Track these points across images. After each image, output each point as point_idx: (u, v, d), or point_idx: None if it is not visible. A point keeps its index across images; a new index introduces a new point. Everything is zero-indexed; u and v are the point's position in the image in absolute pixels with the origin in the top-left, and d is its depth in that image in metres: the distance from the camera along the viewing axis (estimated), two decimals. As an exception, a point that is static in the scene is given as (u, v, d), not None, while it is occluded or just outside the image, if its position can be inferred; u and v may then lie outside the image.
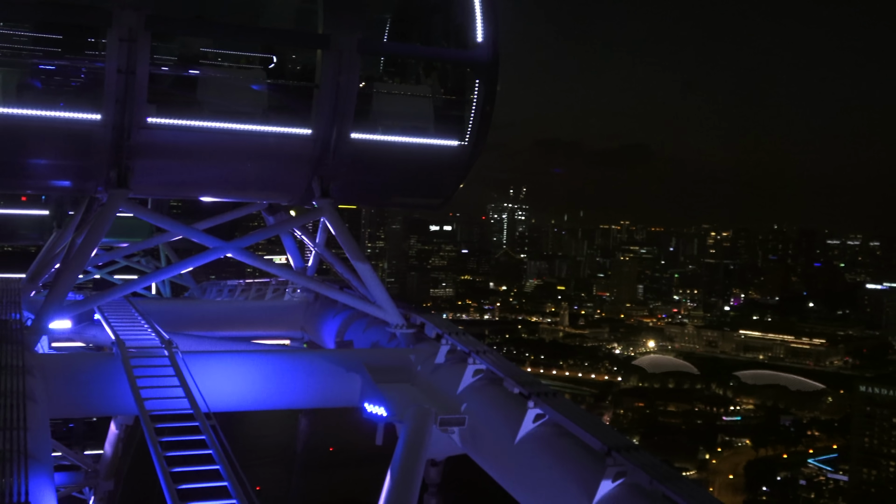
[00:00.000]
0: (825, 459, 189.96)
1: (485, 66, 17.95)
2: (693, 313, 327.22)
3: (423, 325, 17.44)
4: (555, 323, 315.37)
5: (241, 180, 18.57)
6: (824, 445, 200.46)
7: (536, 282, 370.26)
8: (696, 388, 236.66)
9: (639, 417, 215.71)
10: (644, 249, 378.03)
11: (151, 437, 11.76)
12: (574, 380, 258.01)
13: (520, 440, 12.61)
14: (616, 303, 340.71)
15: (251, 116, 17.15)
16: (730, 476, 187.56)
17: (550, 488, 11.72)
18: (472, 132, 18.39)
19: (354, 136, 17.43)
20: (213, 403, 13.17)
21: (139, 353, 15.04)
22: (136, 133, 15.93)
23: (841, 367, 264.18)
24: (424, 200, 21.18)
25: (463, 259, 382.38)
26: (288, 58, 18.86)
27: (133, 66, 15.33)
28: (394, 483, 12.70)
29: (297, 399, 16.90)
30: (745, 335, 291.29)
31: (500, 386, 14.14)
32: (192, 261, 19.31)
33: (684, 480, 10.11)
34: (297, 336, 23.59)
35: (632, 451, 10.75)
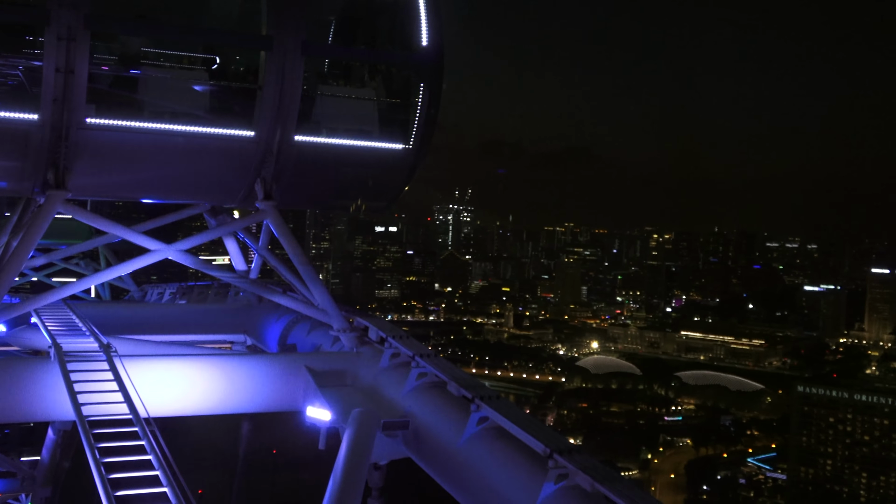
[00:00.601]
0: (764, 458, 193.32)
1: (430, 69, 17.96)
2: (636, 314, 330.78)
3: (367, 329, 17.41)
4: (499, 324, 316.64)
5: (183, 182, 18.32)
6: (763, 445, 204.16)
7: (481, 283, 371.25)
8: (639, 388, 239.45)
9: (582, 418, 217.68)
10: (588, 251, 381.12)
11: (89, 442, 11.57)
12: (518, 381, 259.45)
13: (463, 443, 12.67)
14: (560, 304, 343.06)
15: (193, 118, 16.93)
16: (671, 475, 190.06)
17: (493, 491, 11.79)
18: (417, 135, 18.38)
19: (298, 138, 17.30)
20: (152, 408, 12.99)
21: (77, 357, 14.77)
22: (74, 133, 15.64)
23: (779, 368, 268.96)
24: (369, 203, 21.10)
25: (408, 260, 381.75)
26: (231, 59, 18.66)
27: (72, 66, 15.06)
28: (337, 487, 12.66)
29: (240, 404, 16.73)
30: (687, 336, 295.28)
31: (443, 389, 14.18)
32: (131, 263, 19.01)
33: (625, 482, 10.23)
34: (239, 340, 23.34)
35: (573, 454, 10.85)
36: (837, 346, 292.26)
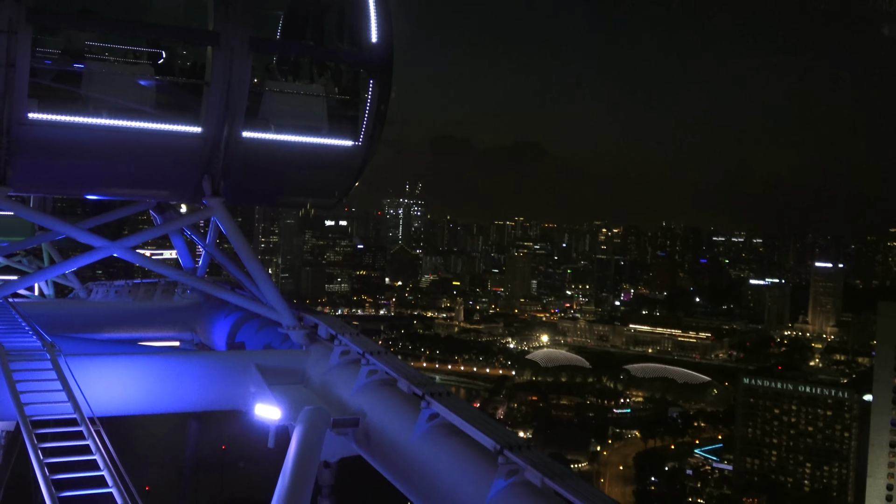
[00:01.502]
0: (711, 450, 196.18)
1: (379, 66, 17.87)
2: (585, 308, 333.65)
3: (317, 326, 17.31)
4: (450, 318, 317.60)
5: (128, 178, 18.04)
6: (710, 436, 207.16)
7: (432, 277, 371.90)
8: (588, 381, 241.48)
9: (532, 411, 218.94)
10: (538, 245, 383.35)
11: (32, 443, 11.35)
12: (469, 374, 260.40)
13: (414, 440, 12.62)
14: (510, 298, 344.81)
15: (138, 113, 16.67)
16: (620, 467, 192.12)
17: (444, 487, 11.78)
18: (366, 132, 18.29)
19: (246, 134, 17.12)
20: (98, 408, 12.77)
21: (19, 356, 14.48)
22: (15, 129, 15.33)
23: (725, 361, 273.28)
24: (318, 200, 20.94)
25: (358, 254, 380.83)
26: (178, 54, 18.42)
27: (13, 59, 14.76)
28: (286, 486, 12.56)
29: (188, 402, 16.53)
30: (635, 329, 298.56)
31: (394, 386, 14.13)
32: (76, 260, 18.74)
33: (575, 478, 10.29)
34: (187, 338, 23.04)
35: (523, 450, 10.88)
36: (782, 338, 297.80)
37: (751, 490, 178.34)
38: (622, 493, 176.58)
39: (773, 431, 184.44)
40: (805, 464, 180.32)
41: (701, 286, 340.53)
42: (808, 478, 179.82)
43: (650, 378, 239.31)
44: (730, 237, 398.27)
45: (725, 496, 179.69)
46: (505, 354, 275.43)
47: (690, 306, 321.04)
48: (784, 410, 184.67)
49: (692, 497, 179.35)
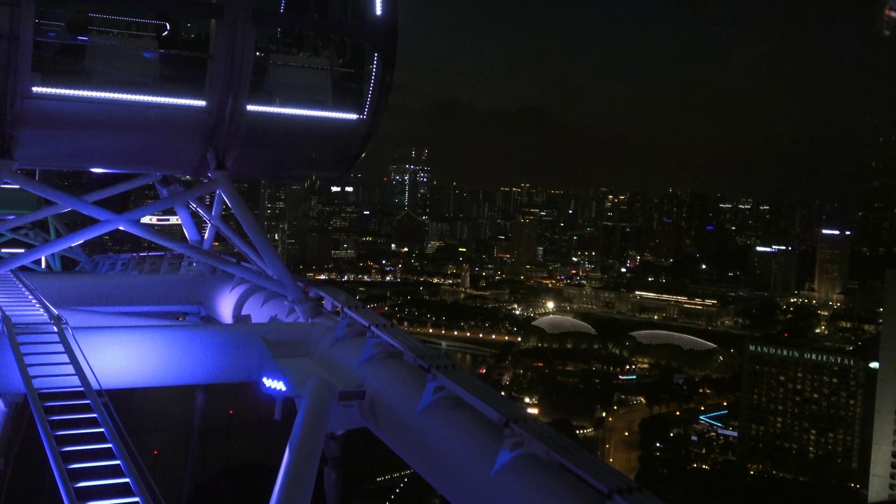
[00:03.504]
0: (716, 416, 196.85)
1: (383, 39, 17.78)
2: (591, 275, 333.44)
3: (322, 299, 17.36)
4: (456, 284, 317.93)
5: (133, 152, 18.06)
6: (715, 403, 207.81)
7: (438, 243, 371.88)
8: (594, 348, 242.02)
9: (538, 377, 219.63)
10: (543, 212, 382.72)
11: (40, 416, 11.43)
12: (475, 341, 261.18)
13: (419, 413, 12.65)
14: (516, 265, 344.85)
15: (142, 86, 16.64)
16: (625, 433, 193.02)
17: (450, 459, 11.84)
18: (371, 105, 18.24)
19: (250, 108, 17.11)
20: (105, 380, 12.86)
21: (26, 329, 14.56)
22: (19, 102, 15.31)
23: (731, 327, 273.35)
24: (323, 173, 20.95)
25: (364, 220, 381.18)
26: (182, 26, 18.33)
27: (16, 32, 14.70)
28: (293, 457, 12.63)
29: (194, 375, 16.57)
30: (641, 296, 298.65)
31: (399, 359, 14.17)
32: (82, 233, 18.76)
33: (579, 450, 10.33)
34: (193, 311, 23.09)
35: (529, 422, 10.92)
36: (788, 305, 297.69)
37: (755, 456, 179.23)
38: (627, 458, 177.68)
39: (779, 398, 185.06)
40: (810, 430, 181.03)
41: (707, 253, 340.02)
42: (812, 444, 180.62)
43: (656, 345, 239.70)
44: (736, 204, 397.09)
45: (730, 462, 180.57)
46: (511, 321, 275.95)
47: (696, 273, 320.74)
48: (789, 377, 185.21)
49: (697, 463, 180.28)
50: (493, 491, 10.63)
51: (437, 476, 12.30)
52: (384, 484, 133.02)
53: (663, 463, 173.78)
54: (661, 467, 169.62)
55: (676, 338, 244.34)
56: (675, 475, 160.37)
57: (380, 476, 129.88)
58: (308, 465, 12.61)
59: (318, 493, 13.14)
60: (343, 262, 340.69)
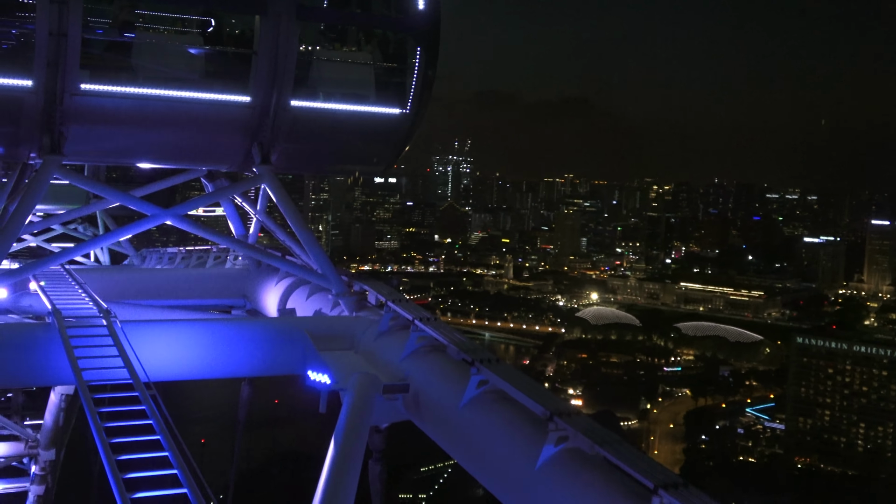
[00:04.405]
0: (762, 409, 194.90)
1: (426, 33, 17.75)
2: (635, 266, 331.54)
3: (366, 293, 17.40)
4: (499, 275, 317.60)
5: (179, 147, 18.24)
6: (761, 395, 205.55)
7: (481, 234, 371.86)
8: (638, 339, 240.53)
9: (581, 368, 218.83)
10: (587, 202, 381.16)
11: (90, 407, 11.59)
12: (518, 332, 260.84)
13: (463, 406, 12.64)
14: (559, 255, 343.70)
15: (188, 82, 16.81)
16: (670, 425, 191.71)
17: (494, 453, 11.83)
18: (414, 99, 18.24)
19: (294, 103, 17.20)
20: (153, 373, 13.01)
21: (76, 322, 14.78)
22: (68, 99, 15.54)
23: (778, 319, 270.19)
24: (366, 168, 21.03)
25: (407, 211, 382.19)
26: (226, 22, 18.47)
27: (65, 29, 14.91)
28: (338, 450, 12.69)
29: (240, 368, 16.72)
30: (686, 287, 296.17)
31: (443, 353, 14.16)
32: (130, 228, 19.03)
33: (624, 444, 10.26)
34: (238, 304, 23.31)
35: (573, 417, 10.85)
36: (836, 297, 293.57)
37: (803, 449, 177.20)
38: (672, 450, 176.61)
39: (827, 391, 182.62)
40: (859, 424, 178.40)
41: (753, 244, 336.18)
42: (861, 438, 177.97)
43: (701, 336, 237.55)
44: (783, 194, 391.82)
45: (777, 455, 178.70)
46: (554, 312, 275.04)
47: (742, 264, 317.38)
48: (838, 370, 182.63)
49: (743, 456, 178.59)
50: (538, 485, 10.60)
51: (481, 470, 12.30)
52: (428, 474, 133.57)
53: (709, 456, 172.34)
54: (707, 460, 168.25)
55: (722, 329, 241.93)
56: (721, 468, 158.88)
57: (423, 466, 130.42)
58: (353, 459, 12.66)
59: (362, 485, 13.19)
60: (386, 253, 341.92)
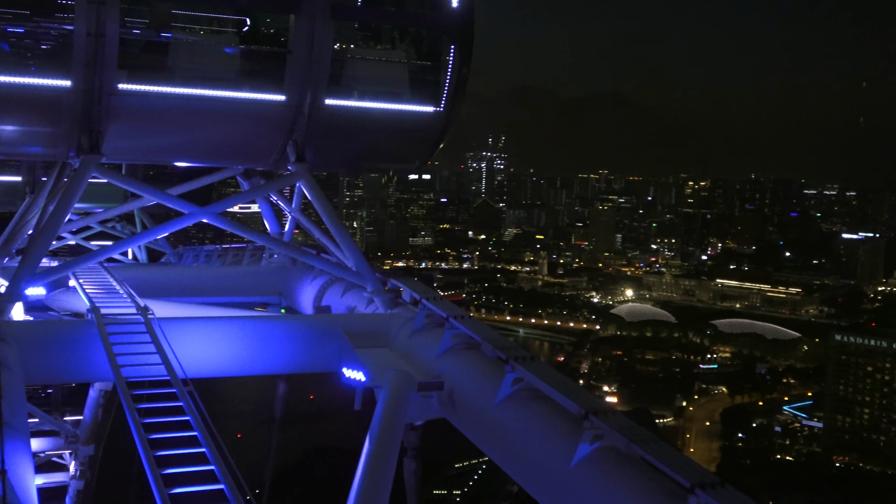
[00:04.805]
0: (800, 406, 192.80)
1: (460, 31, 17.75)
2: (671, 262, 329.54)
3: (400, 290, 17.44)
4: (533, 272, 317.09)
5: (215, 146, 18.40)
6: (799, 393, 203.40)
7: (515, 231, 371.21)
8: (674, 336, 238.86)
9: (617, 365, 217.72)
10: (622, 199, 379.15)
11: (128, 403, 11.72)
12: (552, 328, 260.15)
13: (498, 404, 12.63)
14: (594, 252, 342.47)
15: (224, 82, 16.94)
16: (706, 423, 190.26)
17: (528, 451, 11.80)
18: (448, 97, 18.25)
19: (328, 101, 17.30)
20: (190, 370, 13.14)
21: (114, 319, 14.95)
22: (106, 99, 15.72)
23: (816, 316, 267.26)
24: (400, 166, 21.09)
25: (441, 208, 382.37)
26: (262, 21, 18.59)
27: (102, 29, 15.08)
28: (373, 447, 12.71)
29: (276, 365, 16.85)
30: (722, 284, 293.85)
31: (477, 350, 14.15)
32: (167, 226, 19.19)
33: (660, 443, 10.20)
34: (274, 301, 23.44)
35: (609, 415, 10.80)
36: (875, 294, 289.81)
37: (842, 448, 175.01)
38: (708, 448, 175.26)
39: (866, 389, 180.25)
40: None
41: (791, 240, 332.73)
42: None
43: (737, 333, 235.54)
44: (821, 189, 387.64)
45: (815, 454, 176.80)
46: (589, 308, 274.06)
47: (780, 261, 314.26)
48: (877, 368, 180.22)
49: (780, 454, 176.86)
50: (573, 484, 10.56)
51: (516, 468, 12.29)
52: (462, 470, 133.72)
53: (746, 454, 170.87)
54: (744, 458, 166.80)
55: (759, 326, 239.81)
56: (758, 467, 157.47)
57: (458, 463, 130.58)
58: (388, 456, 12.68)
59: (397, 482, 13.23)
60: (420, 249, 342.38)
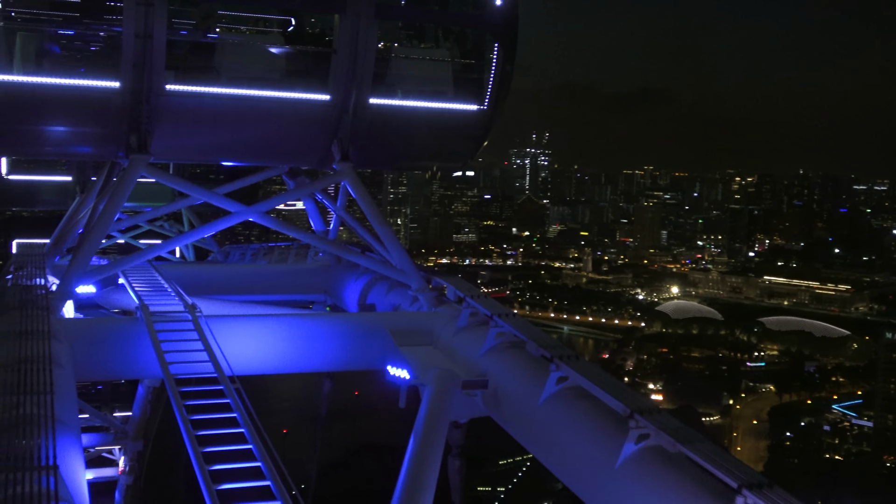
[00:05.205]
0: (849, 405, 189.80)
1: (504, 29, 17.75)
2: (717, 259, 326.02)
3: (445, 289, 17.49)
4: (578, 269, 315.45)
5: (261, 145, 18.57)
6: (848, 391, 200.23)
7: (559, 227, 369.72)
8: (720, 334, 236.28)
9: (662, 363, 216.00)
10: (668, 195, 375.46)
11: (176, 400, 11.89)
12: (597, 325, 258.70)
13: (542, 403, 12.64)
14: (639, 248, 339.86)
15: (269, 82, 17.10)
16: (753, 421, 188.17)
17: (573, 450, 11.78)
18: (492, 96, 18.27)
19: (373, 100, 17.41)
20: (236, 367, 13.32)
21: (163, 317, 15.17)
22: (154, 99, 15.95)
23: (866, 314, 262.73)
24: (444, 164, 21.10)
25: (485, 204, 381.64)
26: (306, 22, 18.74)
27: (150, 31, 15.28)
28: (417, 445, 12.77)
29: (321, 362, 16.99)
30: (770, 281, 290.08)
31: (522, 349, 14.16)
32: (214, 225, 19.41)
33: (707, 443, 10.14)
34: (319, 299, 23.64)
35: (654, 414, 10.76)
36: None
37: (893, 448, 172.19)
38: (755, 447, 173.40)
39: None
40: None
41: (840, 236, 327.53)
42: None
43: (785, 331, 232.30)
44: (871, 185, 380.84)
45: (865, 453, 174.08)
46: (634, 306, 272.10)
47: (829, 257, 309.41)
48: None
49: (829, 453, 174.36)
50: (618, 483, 10.53)
51: (561, 467, 12.27)
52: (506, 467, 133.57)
53: (794, 453, 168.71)
54: (792, 457, 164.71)
55: (808, 324, 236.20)
56: (807, 466, 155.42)
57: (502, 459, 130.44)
58: (432, 454, 12.72)
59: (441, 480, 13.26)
60: (464, 246, 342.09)
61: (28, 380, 10.31)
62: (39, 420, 9.08)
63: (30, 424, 8.95)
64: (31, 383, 10.21)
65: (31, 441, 8.52)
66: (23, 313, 13.35)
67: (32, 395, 9.79)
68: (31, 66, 15.97)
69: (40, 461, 8.10)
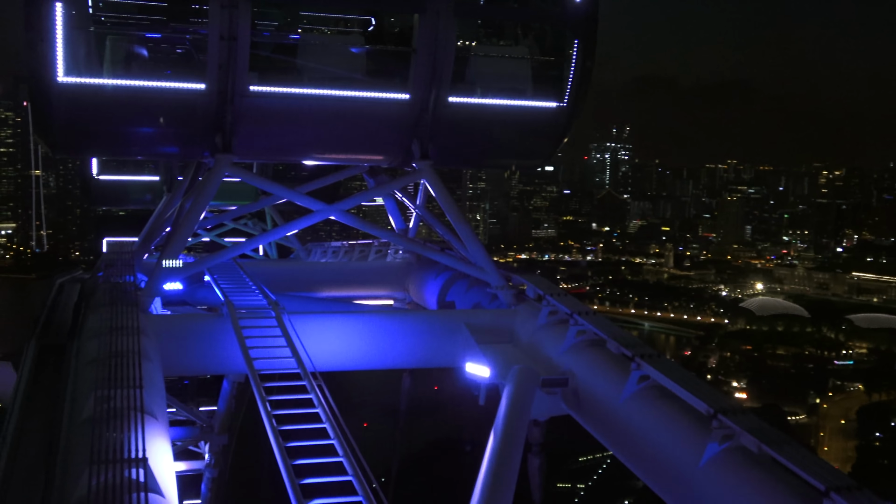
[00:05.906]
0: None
1: (583, 25, 17.61)
2: (803, 255, 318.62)
3: (524, 286, 17.47)
4: (659, 264, 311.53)
5: (342, 144, 18.75)
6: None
7: (640, 223, 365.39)
8: (807, 331, 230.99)
9: (746, 361, 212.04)
10: (752, 189, 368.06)
11: (261, 395, 12.13)
12: (679, 322, 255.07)
13: (623, 402, 12.58)
14: (722, 244, 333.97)
15: (350, 82, 17.26)
16: (841, 421, 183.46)
17: (655, 450, 11.70)
18: (572, 93, 18.13)
19: (452, 99, 17.44)
20: (319, 363, 13.51)
21: (248, 313, 15.48)
22: (238, 100, 16.23)
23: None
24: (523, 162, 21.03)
25: (565, 200, 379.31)
26: (386, 21, 18.86)
27: (234, 33, 15.54)
28: (498, 443, 12.80)
29: (401, 359, 17.16)
30: (859, 277, 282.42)
31: (602, 347, 14.09)
32: (296, 223, 19.70)
33: (793, 444, 9.97)
34: (399, 297, 23.84)
35: (738, 414, 10.63)
36: None
37: None
38: (843, 447, 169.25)
39: None
40: None
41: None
42: None
43: (875, 329, 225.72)
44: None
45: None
46: (716, 302, 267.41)
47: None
48: None
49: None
50: (701, 484, 10.43)
51: (642, 466, 12.19)
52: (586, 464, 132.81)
53: (883, 454, 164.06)
54: (881, 458, 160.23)
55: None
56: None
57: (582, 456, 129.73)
58: (512, 452, 12.74)
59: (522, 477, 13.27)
60: (543, 241, 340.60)
61: (118, 374, 10.60)
62: (129, 413, 9.33)
63: (120, 417, 9.20)
64: (122, 377, 10.48)
65: (121, 434, 8.75)
66: (113, 310, 13.73)
67: (123, 389, 10.06)
68: (119, 69, 16.38)
69: (130, 453, 8.32)
